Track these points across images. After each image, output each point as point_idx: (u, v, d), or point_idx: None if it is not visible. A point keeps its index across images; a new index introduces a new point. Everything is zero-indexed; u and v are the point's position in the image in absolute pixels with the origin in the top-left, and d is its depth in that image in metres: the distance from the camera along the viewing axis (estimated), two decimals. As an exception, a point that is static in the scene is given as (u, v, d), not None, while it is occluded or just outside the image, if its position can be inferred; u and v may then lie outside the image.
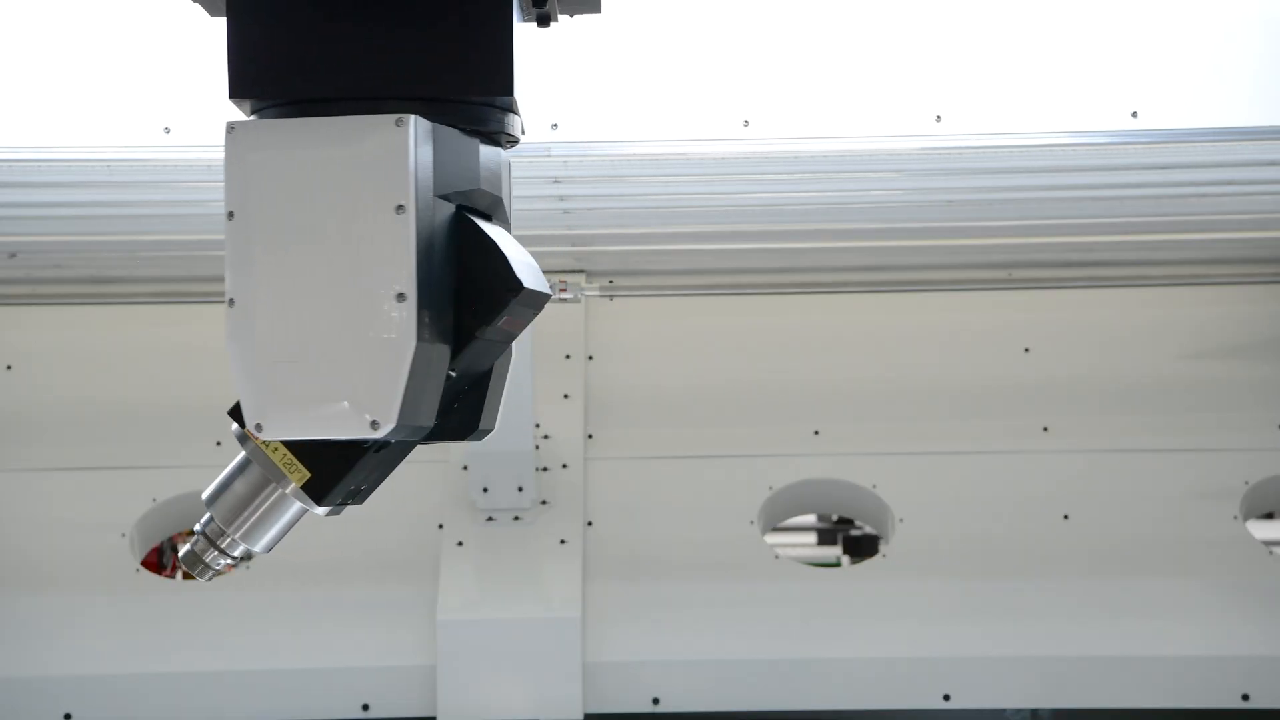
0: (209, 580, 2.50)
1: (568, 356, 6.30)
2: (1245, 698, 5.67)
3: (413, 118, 2.21)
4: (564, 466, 6.09)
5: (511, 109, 2.38)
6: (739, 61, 4.15)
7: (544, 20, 2.45)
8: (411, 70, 2.28)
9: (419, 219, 2.21)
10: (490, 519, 5.96)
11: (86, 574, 5.91)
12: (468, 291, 2.29)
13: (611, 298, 6.28)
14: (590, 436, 6.20)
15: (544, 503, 6.02)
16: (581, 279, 6.05)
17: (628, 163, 4.53)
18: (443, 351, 2.26)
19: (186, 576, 6.72)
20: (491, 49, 2.29)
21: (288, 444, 2.36)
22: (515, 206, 5.50)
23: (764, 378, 6.28)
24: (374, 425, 2.19)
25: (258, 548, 2.46)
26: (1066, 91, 4.15)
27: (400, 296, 2.19)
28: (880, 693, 5.73)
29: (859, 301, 6.34)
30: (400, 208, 2.20)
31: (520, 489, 5.91)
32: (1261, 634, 5.74)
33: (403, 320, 2.19)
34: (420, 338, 2.19)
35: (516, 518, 5.97)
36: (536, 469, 5.98)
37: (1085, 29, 4.15)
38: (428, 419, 2.27)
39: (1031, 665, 5.72)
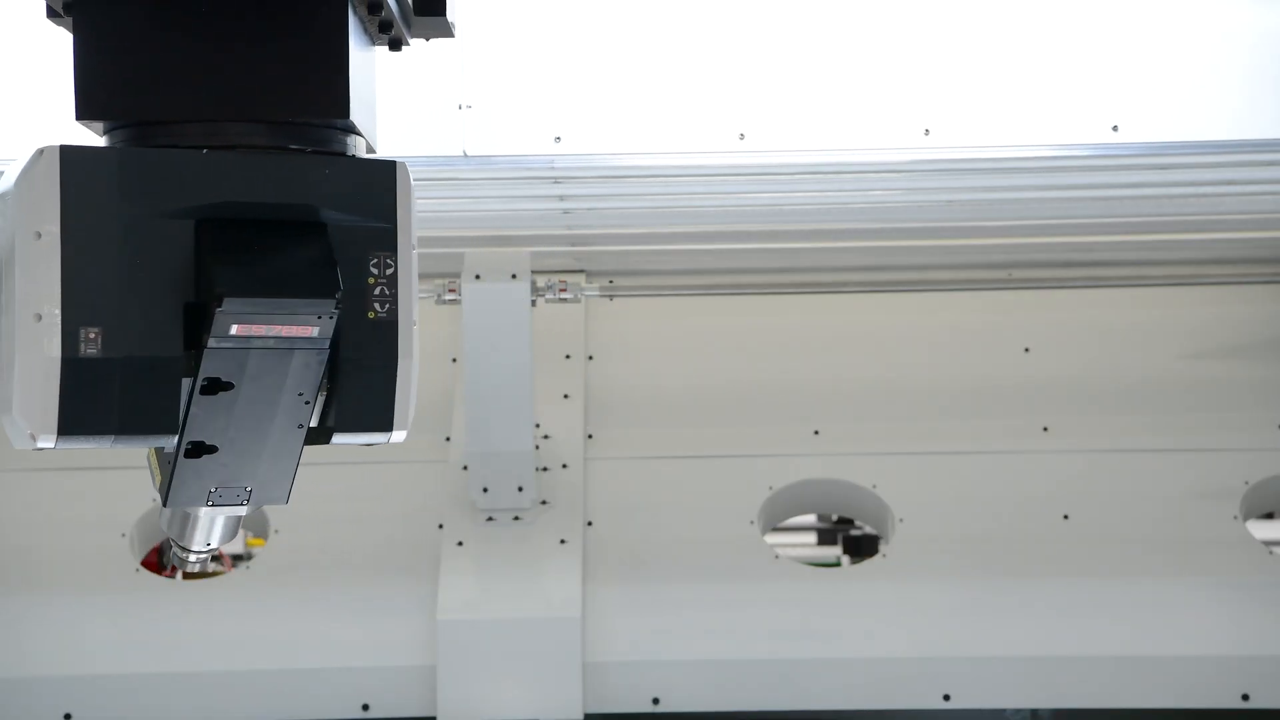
0: (196, 572, 2.73)
1: (568, 356, 6.30)
2: (1245, 698, 5.67)
3: (57, 148, 2.35)
4: (564, 466, 6.09)
5: (350, 129, 2.50)
6: (734, 77, 4.28)
7: (395, 45, 2.59)
8: (249, 94, 2.42)
9: (71, 242, 2.33)
10: (490, 519, 5.96)
11: (86, 574, 5.91)
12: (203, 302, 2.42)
13: (611, 298, 6.28)
14: (590, 436, 6.20)
15: (544, 503, 6.02)
16: (581, 279, 6.05)
17: (628, 173, 4.64)
18: (154, 363, 2.37)
19: (187, 576, 6.73)
20: (327, 73, 2.43)
21: (156, 451, 2.53)
22: (515, 207, 5.56)
23: (764, 378, 6.28)
24: (33, 438, 2.36)
25: (203, 547, 2.66)
26: (1049, 106, 4.28)
27: (38, 317, 2.33)
28: (880, 693, 5.73)
29: (859, 301, 6.34)
30: (39, 234, 2.33)
31: (520, 489, 5.91)
32: (1261, 634, 5.74)
33: (44, 340, 2.33)
34: (74, 354, 2.33)
35: (516, 518, 5.97)
36: (536, 469, 5.98)
37: (1068, 45, 4.26)
38: (156, 428, 2.40)
39: (1031, 665, 5.72)
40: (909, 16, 4.28)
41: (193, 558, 2.66)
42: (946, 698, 5.72)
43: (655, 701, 5.73)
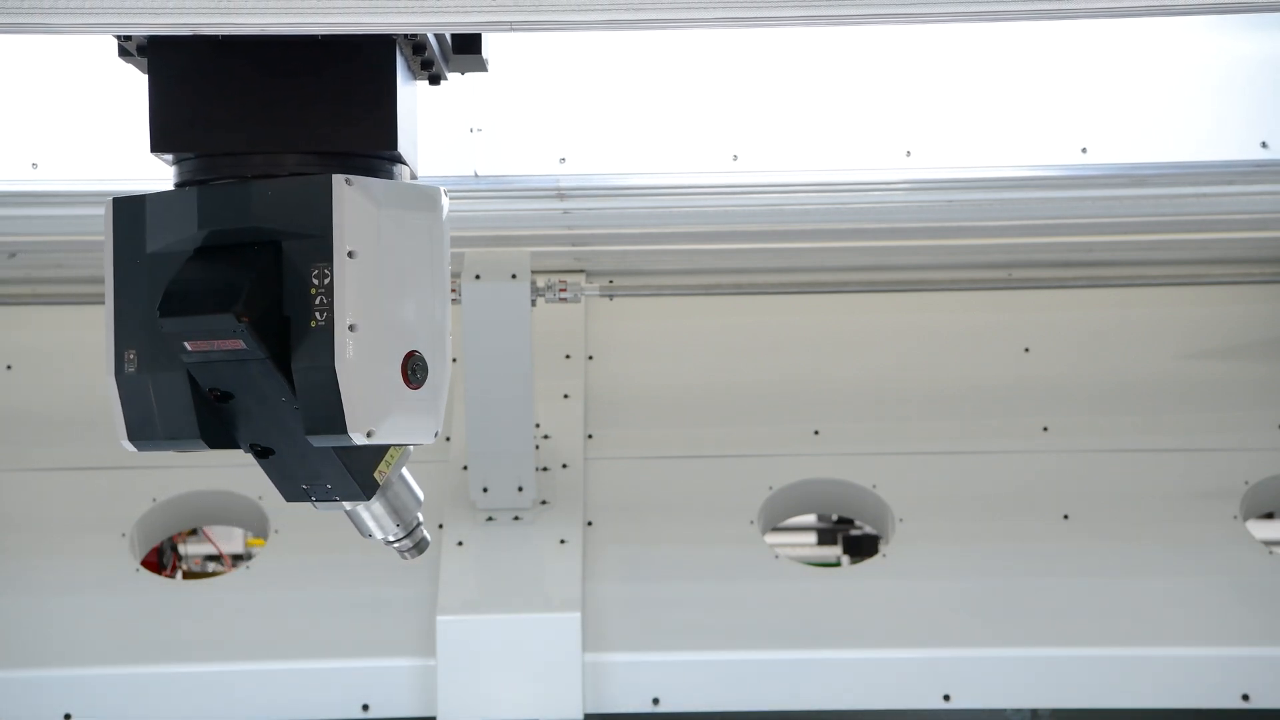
0: (420, 555, 3.07)
1: (568, 356, 6.30)
2: (1245, 698, 5.67)
3: (111, 200, 2.75)
4: (564, 466, 6.10)
5: (397, 159, 2.75)
6: (728, 104, 4.56)
7: (435, 80, 2.84)
8: (304, 128, 2.67)
9: (119, 279, 2.77)
10: (490, 519, 5.96)
11: (86, 574, 5.90)
12: None
13: (611, 298, 6.28)
14: (590, 436, 6.21)
15: (544, 503, 6.02)
16: (581, 279, 6.04)
17: (629, 189, 4.88)
18: (171, 377, 2.72)
19: (187, 576, 6.73)
20: (377, 109, 2.68)
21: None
22: (517, 208, 5.68)
23: (764, 378, 6.28)
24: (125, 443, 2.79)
25: (381, 535, 3.05)
26: (1023, 129, 4.55)
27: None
28: (880, 693, 5.73)
29: (859, 301, 6.34)
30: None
31: (520, 489, 5.91)
32: (1261, 634, 5.74)
33: (108, 361, 2.79)
34: (121, 372, 2.77)
35: (516, 518, 5.97)
36: (536, 469, 5.98)
37: (1040, 73, 4.52)
38: (180, 432, 2.74)
39: (1031, 665, 5.72)
40: (890, 47, 4.52)
41: (394, 545, 3.02)
42: (946, 698, 5.72)
43: (655, 701, 5.73)
